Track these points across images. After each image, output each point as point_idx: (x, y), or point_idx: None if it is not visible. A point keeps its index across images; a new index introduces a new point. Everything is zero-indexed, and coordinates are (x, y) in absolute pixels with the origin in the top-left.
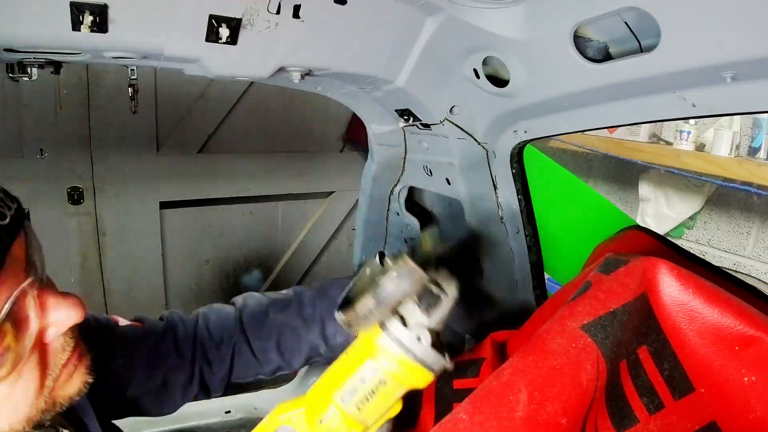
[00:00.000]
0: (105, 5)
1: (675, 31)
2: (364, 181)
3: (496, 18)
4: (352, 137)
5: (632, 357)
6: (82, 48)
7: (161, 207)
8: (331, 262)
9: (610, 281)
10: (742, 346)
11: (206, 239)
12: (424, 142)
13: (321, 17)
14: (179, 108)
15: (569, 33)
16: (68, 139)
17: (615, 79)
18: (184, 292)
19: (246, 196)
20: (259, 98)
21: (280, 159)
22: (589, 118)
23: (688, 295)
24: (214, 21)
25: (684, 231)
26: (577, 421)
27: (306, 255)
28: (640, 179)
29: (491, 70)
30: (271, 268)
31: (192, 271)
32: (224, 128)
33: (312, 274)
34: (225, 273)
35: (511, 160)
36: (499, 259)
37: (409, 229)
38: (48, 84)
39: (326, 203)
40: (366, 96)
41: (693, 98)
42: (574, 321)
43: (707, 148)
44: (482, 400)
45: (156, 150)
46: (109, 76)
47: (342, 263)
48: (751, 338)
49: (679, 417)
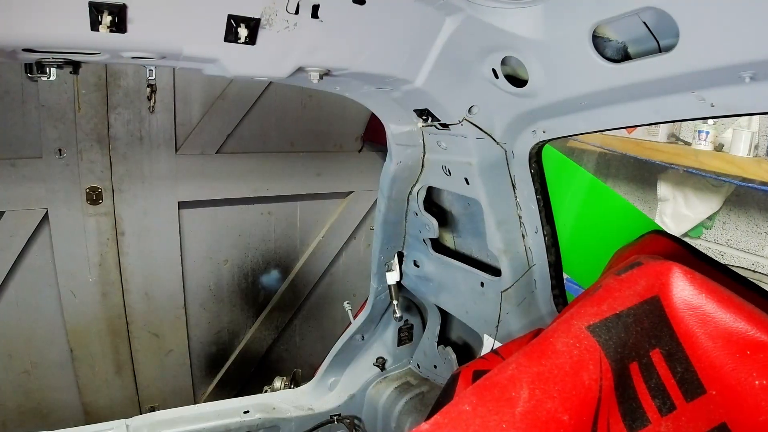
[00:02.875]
0: (124, 5)
1: (693, 31)
2: (383, 181)
3: (514, 18)
4: (370, 137)
5: (644, 359)
6: (100, 48)
7: (180, 207)
8: (349, 262)
9: (620, 283)
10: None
11: (224, 239)
12: (443, 142)
13: (340, 17)
14: (198, 108)
15: (588, 33)
16: (87, 139)
17: (633, 79)
18: (203, 292)
19: (264, 196)
20: (277, 98)
21: (298, 159)
22: (607, 118)
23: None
24: (232, 21)
25: (703, 231)
26: (583, 420)
27: (324, 255)
28: (659, 179)
29: (510, 70)
30: (289, 268)
31: (210, 271)
32: (243, 128)
33: (330, 274)
34: (243, 273)
35: (529, 160)
36: (518, 258)
37: (428, 228)
38: (67, 84)
39: (345, 203)
40: (384, 96)
41: (712, 98)
42: (580, 321)
43: (726, 148)
44: (485, 393)
45: (174, 150)
46: (127, 76)
47: (360, 263)
48: (762, 343)
49: (690, 418)
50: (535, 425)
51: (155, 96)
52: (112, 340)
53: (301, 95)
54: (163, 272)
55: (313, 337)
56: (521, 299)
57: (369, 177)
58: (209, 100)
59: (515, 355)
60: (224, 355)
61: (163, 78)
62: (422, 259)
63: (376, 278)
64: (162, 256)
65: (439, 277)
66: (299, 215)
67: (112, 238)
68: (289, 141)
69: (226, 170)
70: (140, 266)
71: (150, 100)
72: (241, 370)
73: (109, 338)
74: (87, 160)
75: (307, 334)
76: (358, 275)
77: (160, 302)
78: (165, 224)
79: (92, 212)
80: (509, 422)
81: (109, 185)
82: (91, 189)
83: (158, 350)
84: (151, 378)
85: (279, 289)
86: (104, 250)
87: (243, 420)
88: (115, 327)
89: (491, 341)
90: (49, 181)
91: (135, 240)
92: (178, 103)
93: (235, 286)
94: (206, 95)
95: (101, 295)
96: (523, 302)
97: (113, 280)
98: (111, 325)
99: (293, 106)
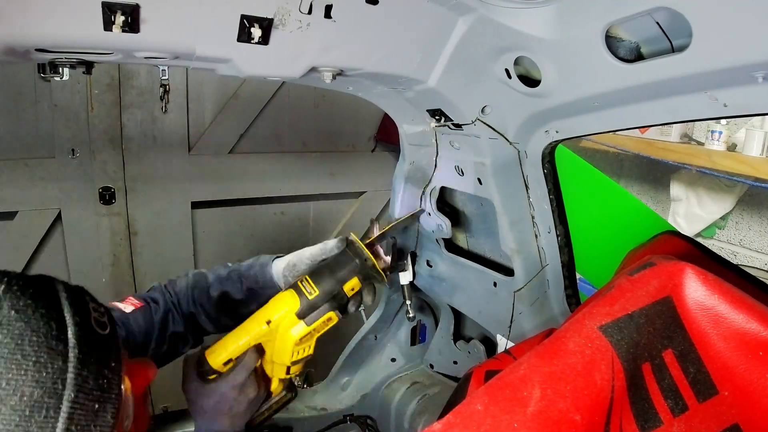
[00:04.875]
0: (137, 5)
1: (706, 30)
2: (396, 181)
3: (527, 18)
4: (383, 137)
5: (657, 360)
6: (113, 48)
7: (193, 207)
8: None
9: (632, 283)
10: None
11: (237, 239)
12: (456, 142)
13: (353, 17)
14: (211, 108)
15: (601, 33)
16: (100, 139)
17: (646, 79)
18: None
19: (277, 196)
20: (290, 98)
21: (311, 159)
22: (620, 118)
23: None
24: (245, 21)
25: (715, 231)
26: (595, 420)
27: None
28: (672, 179)
29: (523, 70)
30: None
31: None
32: (255, 128)
33: None
34: None
35: (542, 160)
36: (531, 258)
37: (441, 228)
38: (80, 84)
39: (358, 203)
40: (397, 96)
41: (724, 98)
42: (592, 321)
43: (739, 148)
44: (497, 393)
45: (187, 150)
46: (140, 76)
47: None
48: None
49: (702, 419)
50: (546, 425)
51: (168, 96)
52: None
53: (314, 95)
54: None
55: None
56: (534, 299)
57: (382, 177)
58: (222, 100)
59: (527, 355)
60: None
61: (176, 78)
62: (435, 259)
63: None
64: (175, 256)
65: (452, 277)
66: (312, 215)
67: (125, 238)
68: (302, 141)
69: (239, 170)
70: (153, 266)
71: (163, 100)
72: None
73: None
74: (100, 160)
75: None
76: None
77: None
78: (178, 224)
79: (105, 212)
80: (521, 422)
81: (122, 185)
82: (104, 189)
83: None
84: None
85: None
86: (117, 250)
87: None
88: None
89: (504, 341)
90: (62, 181)
91: (148, 240)
92: (191, 104)
93: None
94: (219, 95)
95: (114, 296)
96: (536, 302)
97: (126, 280)
98: None
99: (306, 106)
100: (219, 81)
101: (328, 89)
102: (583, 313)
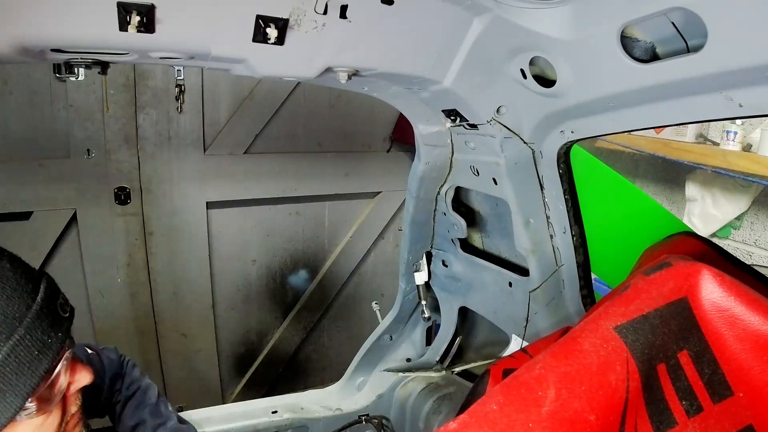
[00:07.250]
0: (152, 5)
1: (721, 31)
2: (411, 182)
3: (543, 18)
4: (398, 138)
5: (672, 361)
6: (129, 48)
7: (208, 207)
8: (377, 263)
9: (648, 284)
10: None
11: (253, 239)
12: (471, 142)
13: (368, 18)
14: (226, 108)
15: (616, 33)
16: (115, 139)
17: (662, 79)
18: (231, 292)
19: (292, 196)
20: (305, 98)
21: (326, 159)
22: (635, 118)
23: (730, 301)
24: (261, 21)
25: (731, 231)
26: (610, 420)
27: (352, 255)
28: (687, 179)
29: (538, 70)
30: (317, 268)
31: (238, 271)
32: (271, 128)
33: (358, 274)
34: (271, 273)
35: (558, 160)
36: (546, 258)
37: (456, 228)
38: (95, 84)
39: (373, 203)
40: (413, 96)
41: (740, 98)
42: (608, 321)
43: (754, 149)
44: (513, 393)
45: (203, 150)
46: (156, 77)
47: (388, 263)
48: None
49: (717, 420)
50: (561, 425)
51: (183, 96)
52: (140, 341)
53: (329, 95)
54: (191, 272)
55: (342, 338)
56: (549, 299)
57: (397, 177)
58: (237, 100)
59: (542, 355)
60: (252, 355)
61: (192, 78)
62: (451, 259)
63: (405, 278)
64: (190, 257)
65: (467, 277)
66: (327, 215)
67: (140, 238)
68: (317, 141)
69: (255, 170)
70: (169, 266)
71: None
72: (270, 371)
73: (137, 338)
74: (115, 160)
75: (335, 334)
76: (387, 275)
77: (188, 302)
78: (193, 224)
79: (120, 212)
80: (536, 422)
81: (138, 185)
82: (120, 189)
83: (186, 350)
84: (179, 378)
85: (307, 289)
86: (132, 250)
87: (271, 420)
88: (144, 327)
89: (519, 341)
90: (78, 181)
91: (163, 240)
92: (206, 104)
93: (264, 286)
94: (234, 95)
95: (129, 296)
96: (552, 302)
97: (142, 280)
98: (139, 326)
99: (321, 106)
100: (234, 81)
101: (344, 89)
102: (599, 313)
